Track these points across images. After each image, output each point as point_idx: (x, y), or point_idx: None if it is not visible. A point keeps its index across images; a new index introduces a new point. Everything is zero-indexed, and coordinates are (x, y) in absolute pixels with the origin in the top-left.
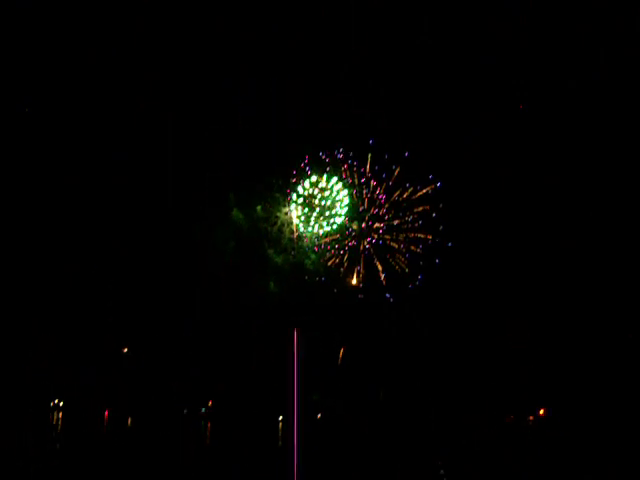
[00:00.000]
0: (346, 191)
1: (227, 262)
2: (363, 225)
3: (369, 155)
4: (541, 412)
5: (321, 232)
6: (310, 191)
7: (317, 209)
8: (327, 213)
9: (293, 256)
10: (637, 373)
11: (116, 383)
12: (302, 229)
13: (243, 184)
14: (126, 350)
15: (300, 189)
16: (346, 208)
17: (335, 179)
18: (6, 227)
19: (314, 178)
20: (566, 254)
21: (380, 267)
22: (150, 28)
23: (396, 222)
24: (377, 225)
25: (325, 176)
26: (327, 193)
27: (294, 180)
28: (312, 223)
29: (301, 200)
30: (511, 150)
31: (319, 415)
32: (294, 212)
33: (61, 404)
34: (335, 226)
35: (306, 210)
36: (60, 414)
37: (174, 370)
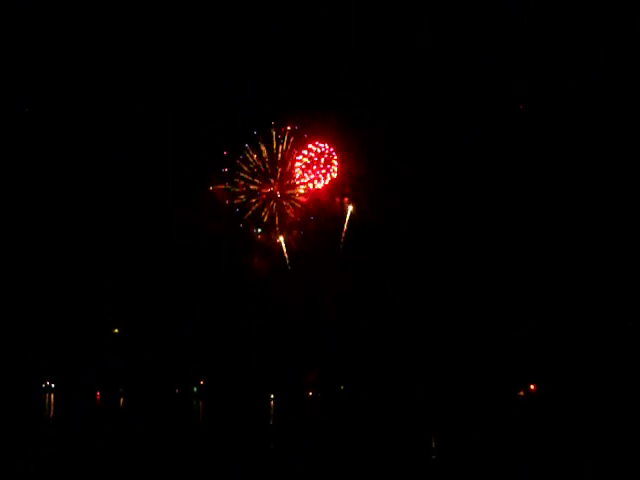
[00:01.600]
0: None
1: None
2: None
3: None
4: (533, 386)
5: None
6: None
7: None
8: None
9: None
10: (638, 360)
11: (109, 365)
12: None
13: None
14: (117, 331)
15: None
16: None
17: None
18: (6, 227)
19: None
20: (565, 245)
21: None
22: (150, 28)
23: None
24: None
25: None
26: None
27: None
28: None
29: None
30: (511, 149)
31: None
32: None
33: (53, 385)
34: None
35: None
36: (52, 396)
37: (166, 351)
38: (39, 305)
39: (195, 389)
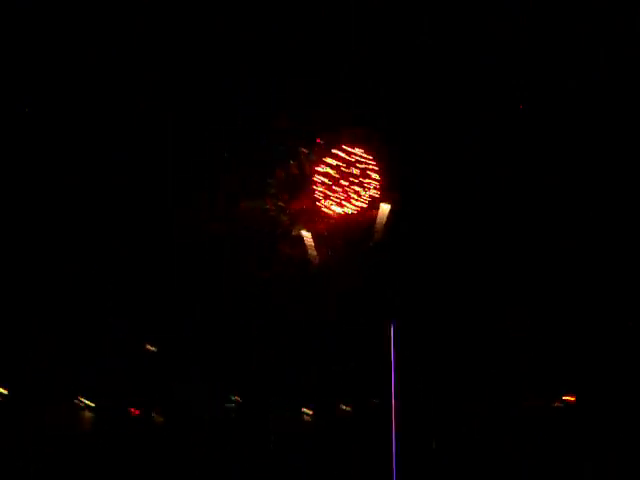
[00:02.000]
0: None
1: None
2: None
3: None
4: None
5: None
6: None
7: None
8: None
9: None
10: (638, 363)
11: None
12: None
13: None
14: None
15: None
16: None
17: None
18: (6, 228)
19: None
20: (565, 245)
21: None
22: (150, 28)
23: None
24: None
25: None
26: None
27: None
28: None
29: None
30: (511, 149)
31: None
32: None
33: (86, 402)
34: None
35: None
36: (85, 412)
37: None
38: (40, 307)
39: (232, 404)
